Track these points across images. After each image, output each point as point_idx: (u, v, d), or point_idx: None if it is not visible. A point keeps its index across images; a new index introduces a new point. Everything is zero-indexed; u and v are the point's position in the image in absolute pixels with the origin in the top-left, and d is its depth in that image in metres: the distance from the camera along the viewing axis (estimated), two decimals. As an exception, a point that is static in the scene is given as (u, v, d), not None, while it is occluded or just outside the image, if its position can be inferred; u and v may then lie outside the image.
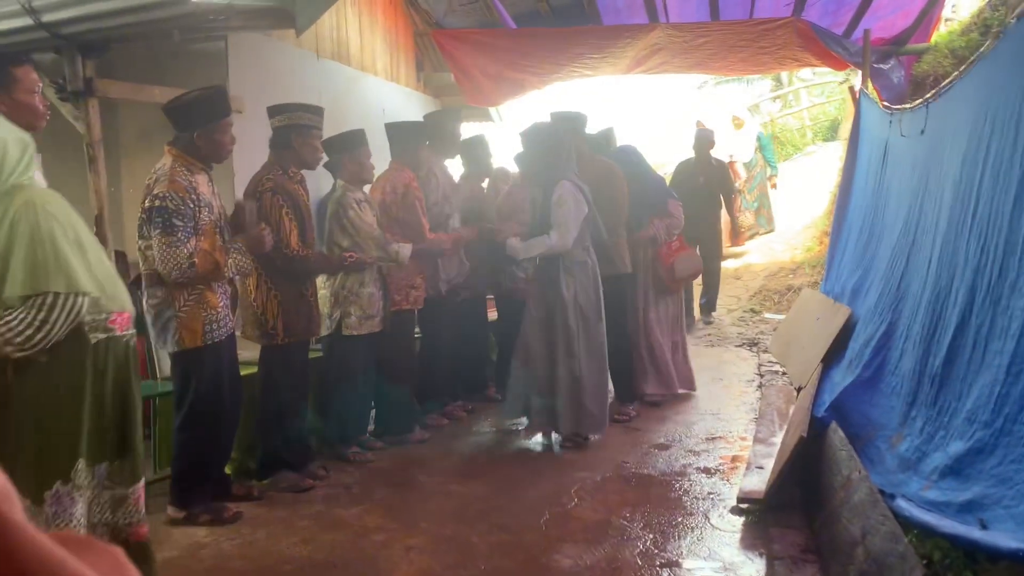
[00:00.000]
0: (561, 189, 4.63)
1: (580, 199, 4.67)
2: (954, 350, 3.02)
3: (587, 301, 4.72)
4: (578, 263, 4.72)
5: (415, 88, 9.02)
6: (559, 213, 4.61)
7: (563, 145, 4.81)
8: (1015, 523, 2.19)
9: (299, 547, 3.49)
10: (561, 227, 4.59)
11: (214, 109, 3.67)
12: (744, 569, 3.20)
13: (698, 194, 8.12)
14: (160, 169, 3.60)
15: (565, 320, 4.68)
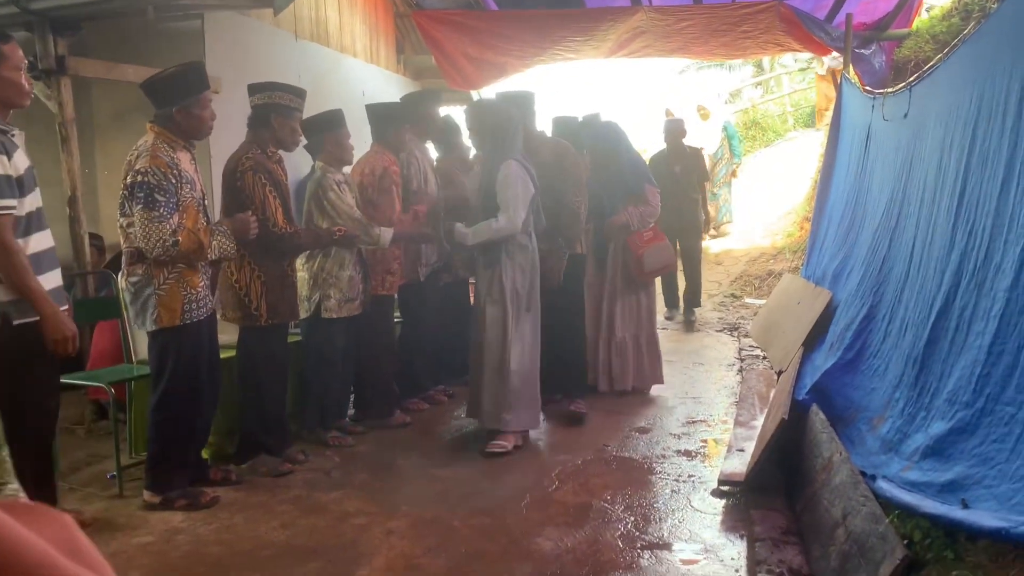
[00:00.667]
0: (508, 169, 4.37)
1: (527, 180, 4.43)
2: (937, 332, 3.03)
3: (524, 287, 4.49)
4: (519, 247, 4.47)
5: (395, 70, 8.94)
6: (506, 194, 4.36)
7: (509, 123, 4.54)
8: (996, 502, 2.19)
9: (278, 532, 3.46)
10: (509, 209, 4.34)
11: (192, 84, 3.61)
12: (725, 551, 3.20)
13: (675, 184, 7.83)
14: (142, 145, 3.55)
15: (502, 305, 4.45)
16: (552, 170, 4.81)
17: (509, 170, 4.36)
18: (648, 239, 5.52)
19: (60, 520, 0.45)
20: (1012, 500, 2.16)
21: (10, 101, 3.11)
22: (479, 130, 4.59)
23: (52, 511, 0.46)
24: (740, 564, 3.08)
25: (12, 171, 3.02)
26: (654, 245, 5.52)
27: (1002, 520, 2.05)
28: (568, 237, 4.91)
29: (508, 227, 4.35)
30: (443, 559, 3.16)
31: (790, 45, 7.72)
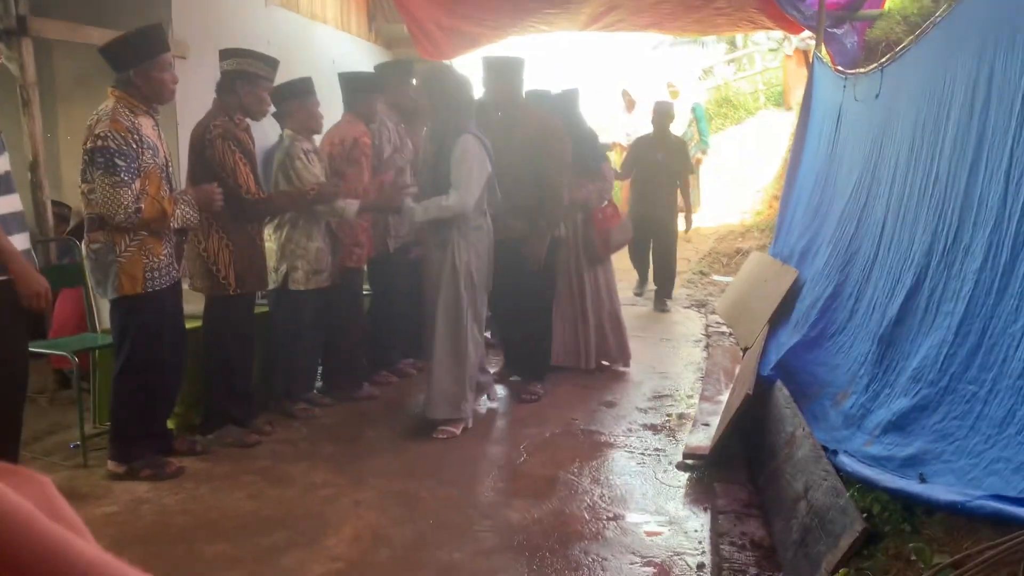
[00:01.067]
0: (465, 144, 4.14)
1: (483, 157, 4.22)
2: (905, 311, 3.08)
3: (479, 270, 4.29)
4: (474, 228, 4.26)
5: (367, 39, 8.82)
6: (460, 171, 4.12)
7: (465, 94, 4.29)
8: (954, 476, 2.25)
9: (244, 502, 3.45)
10: (462, 187, 4.10)
11: (150, 46, 3.52)
12: (689, 523, 3.25)
13: (657, 172, 7.50)
14: (102, 110, 3.48)
15: (456, 289, 4.23)
16: (535, 146, 4.66)
17: (466, 146, 4.15)
18: (611, 215, 5.47)
19: (39, 482, 0.45)
20: (969, 475, 2.22)
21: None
22: (433, 99, 4.33)
23: (31, 473, 0.45)
24: (703, 536, 3.13)
25: None
26: (619, 222, 5.51)
27: (957, 494, 2.11)
28: (549, 218, 4.74)
29: (458, 206, 4.13)
30: (410, 529, 3.17)
31: (763, 23, 7.73)
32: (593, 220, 5.38)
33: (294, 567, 2.89)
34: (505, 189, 4.60)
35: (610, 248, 5.46)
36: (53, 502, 0.46)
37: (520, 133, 4.64)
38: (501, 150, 4.63)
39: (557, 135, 4.77)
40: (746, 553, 2.85)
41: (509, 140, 4.67)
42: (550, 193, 4.70)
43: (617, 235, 5.45)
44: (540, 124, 4.76)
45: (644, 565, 2.92)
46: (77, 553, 0.42)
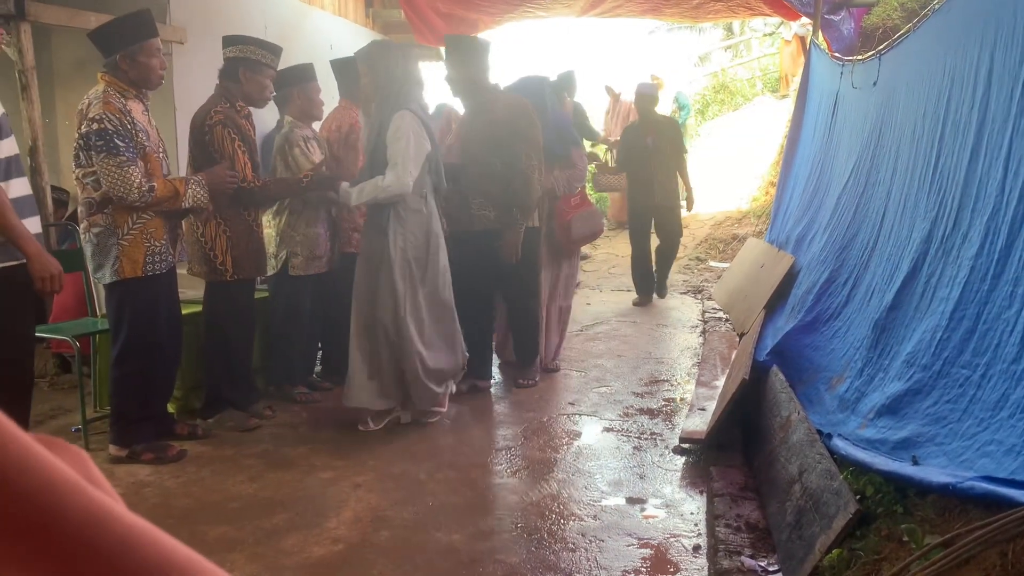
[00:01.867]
0: (400, 121, 3.89)
1: (422, 134, 3.97)
2: (902, 297, 3.11)
3: (418, 257, 4.02)
4: (412, 211, 4.01)
5: (364, 24, 8.79)
6: (396, 148, 3.87)
7: (405, 69, 4.04)
8: (947, 459, 2.28)
9: (245, 485, 3.48)
10: (398, 166, 3.86)
11: (136, 30, 3.53)
12: (685, 506, 3.29)
13: (648, 158, 7.11)
14: (93, 94, 3.51)
15: (391, 277, 3.98)
16: (503, 130, 4.43)
17: (402, 122, 3.89)
18: (576, 204, 5.19)
19: (77, 453, 0.48)
20: (961, 457, 2.25)
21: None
22: (373, 77, 4.02)
23: (68, 444, 0.48)
24: (699, 518, 3.17)
25: None
26: (583, 211, 5.19)
27: (949, 476, 2.15)
28: (522, 207, 4.49)
29: (396, 186, 3.88)
30: (410, 511, 3.21)
31: (760, 9, 7.74)
32: (555, 210, 5.14)
33: (295, 549, 2.93)
34: (473, 176, 4.49)
35: (572, 239, 5.18)
36: (91, 472, 0.48)
37: (486, 117, 4.46)
38: (467, 136, 4.57)
39: (527, 118, 4.52)
40: (741, 535, 2.89)
41: (475, 124, 4.55)
42: (521, 180, 4.45)
43: (580, 226, 5.14)
44: (508, 107, 4.52)
45: (641, 547, 2.96)
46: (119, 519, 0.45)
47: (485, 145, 4.44)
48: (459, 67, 4.50)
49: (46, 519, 0.42)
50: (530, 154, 4.45)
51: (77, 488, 0.43)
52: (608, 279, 8.66)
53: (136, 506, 3.04)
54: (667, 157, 7.17)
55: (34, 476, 0.42)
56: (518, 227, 4.50)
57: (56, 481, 0.43)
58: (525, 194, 4.45)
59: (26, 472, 0.42)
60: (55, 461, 0.43)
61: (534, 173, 4.46)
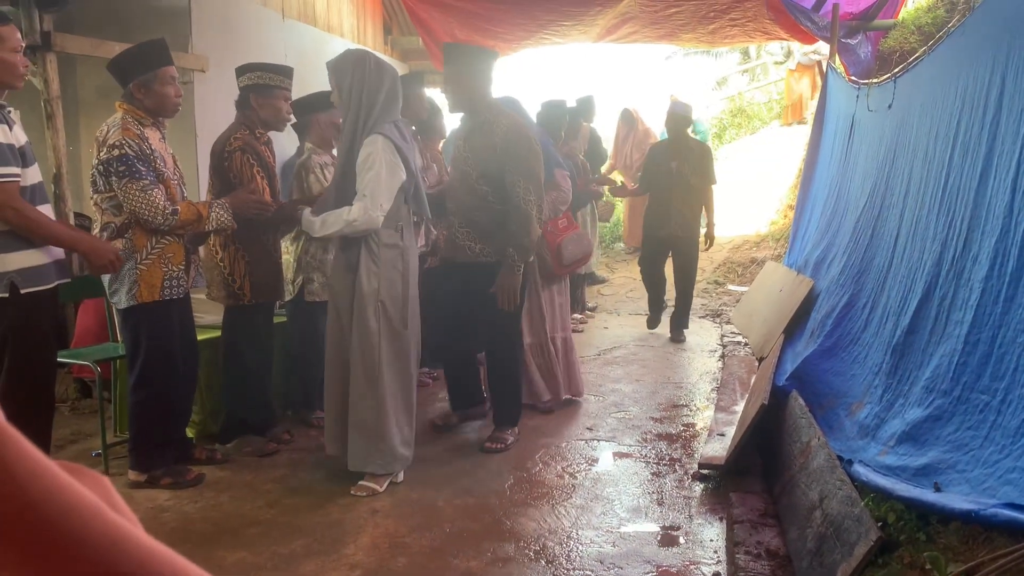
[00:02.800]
0: (372, 147, 3.48)
1: (396, 162, 3.53)
2: (917, 321, 3.09)
3: (393, 298, 3.59)
4: (386, 246, 3.58)
5: (383, 51, 8.90)
6: (365, 178, 3.47)
7: (380, 83, 3.57)
8: (969, 486, 2.25)
9: (264, 510, 3.49)
10: (367, 198, 3.44)
11: (149, 59, 3.58)
12: (704, 532, 3.26)
13: (670, 183, 6.59)
14: (111, 122, 3.58)
15: (363, 320, 3.56)
16: (500, 158, 3.99)
17: (374, 147, 3.48)
18: (564, 227, 4.92)
19: (98, 478, 0.49)
20: (983, 484, 2.22)
21: (5, 82, 3.16)
22: (340, 90, 3.59)
23: (90, 471, 0.49)
24: (719, 545, 3.14)
25: (15, 141, 3.07)
26: (571, 234, 4.93)
27: (972, 503, 2.12)
28: (519, 248, 3.98)
29: (363, 221, 3.46)
30: (427, 538, 3.20)
31: (777, 34, 7.76)
32: (544, 234, 4.72)
33: (313, 575, 2.92)
34: (462, 203, 4.13)
35: (563, 264, 4.89)
36: (112, 498, 0.49)
37: (483, 140, 4.02)
38: (459, 156, 4.16)
39: (528, 148, 4.02)
40: (761, 562, 2.86)
41: (470, 145, 4.10)
42: (520, 218, 3.99)
43: (572, 249, 4.88)
44: (508, 132, 4.02)
45: (659, 574, 2.93)
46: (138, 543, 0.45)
47: (478, 170, 4.04)
48: (457, 79, 4.08)
49: (68, 543, 0.43)
50: (529, 188, 3.99)
51: (98, 513, 0.44)
52: (626, 303, 8.65)
53: (155, 531, 3.06)
54: (691, 185, 6.63)
55: (57, 502, 0.43)
56: (516, 270, 4.02)
57: (78, 506, 0.44)
58: (524, 234, 3.99)
59: (49, 498, 0.43)
60: (77, 487, 0.45)
61: (533, 210, 4.00)
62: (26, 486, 0.42)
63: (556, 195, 4.88)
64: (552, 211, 4.84)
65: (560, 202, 4.93)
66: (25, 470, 0.43)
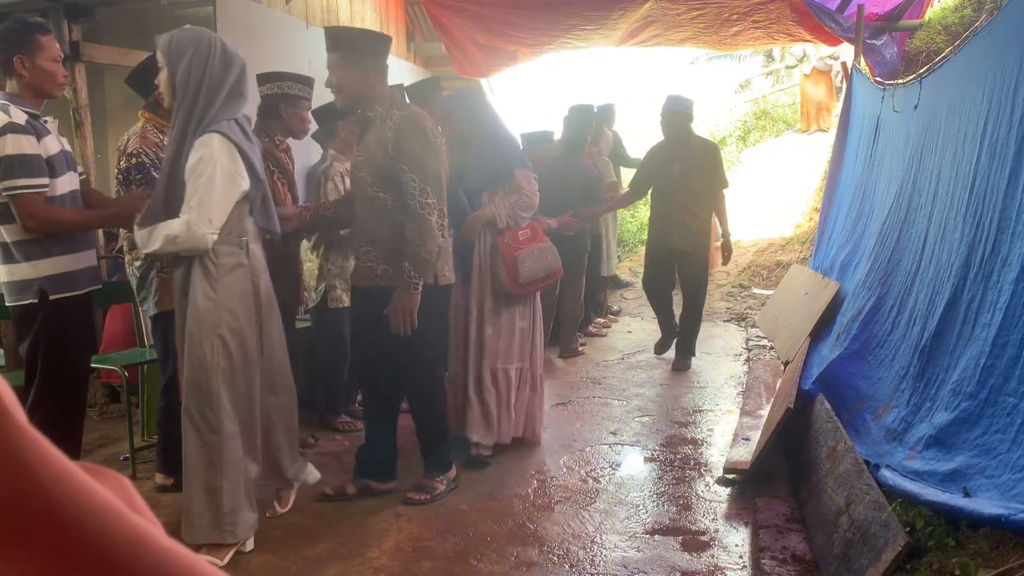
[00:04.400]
0: (205, 148, 2.88)
1: (235, 167, 2.94)
2: (945, 323, 3.05)
3: (233, 330, 3.00)
4: (227, 267, 3.00)
5: (405, 58, 8.94)
6: (195, 185, 2.87)
7: (216, 73, 2.95)
8: (998, 491, 2.22)
9: (288, 514, 3.51)
10: (193, 211, 2.86)
11: None
12: (729, 538, 3.24)
13: (673, 190, 5.79)
14: (132, 131, 3.67)
15: (199, 356, 2.97)
16: (391, 153, 3.34)
17: (207, 149, 2.88)
18: (524, 240, 4.20)
19: (119, 480, 0.50)
20: (1013, 489, 2.19)
21: (44, 90, 3.25)
22: (170, 76, 2.96)
23: (112, 472, 0.50)
24: (744, 551, 3.12)
25: (43, 151, 3.13)
26: (532, 248, 4.19)
27: (1002, 508, 2.09)
28: (415, 261, 3.31)
29: (186, 238, 2.86)
30: (451, 542, 3.21)
31: (801, 35, 7.70)
32: (498, 246, 4.15)
33: (337, 578, 2.94)
34: (360, 217, 3.51)
35: (520, 282, 4.12)
36: (132, 499, 0.50)
37: (374, 136, 3.40)
38: (356, 162, 3.61)
39: (420, 136, 3.33)
40: (787, 568, 2.83)
41: (363, 147, 3.50)
42: (415, 224, 3.31)
43: (531, 266, 4.14)
44: (398, 123, 3.35)
45: (684, 579, 2.91)
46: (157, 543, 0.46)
47: (372, 175, 3.39)
48: (343, 69, 3.38)
49: (88, 544, 0.44)
50: (426, 189, 3.29)
51: (118, 514, 0.45)
52: (649, 307, 8.60)
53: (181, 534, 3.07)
54: (696, 191, 5.78)
55: (77, 502, 0.44)
56: (412, 288, 3.33)
57: (98, 507, 0.44)
58: (421, 244, 3.30)
59: (70, 498, 0.44)
60: (98, 488, 0.45)
61: (432, 215, 3.31)
62: (47, 486, 0.43)
63: (516, 199, 4.16)
64: (512, 218, 4.16)
65: (522, 207, 4.19)
66: (46, 471, 0.43)
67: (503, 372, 4.19)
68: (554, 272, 4.33)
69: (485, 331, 4.15)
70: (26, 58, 3.15)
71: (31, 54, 3.15)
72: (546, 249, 4.26)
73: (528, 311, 4.30)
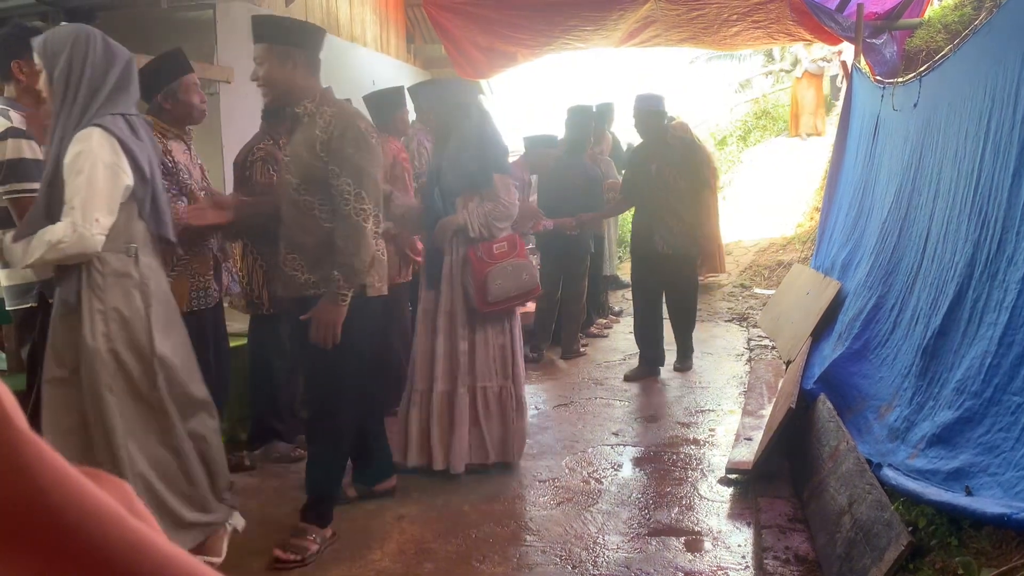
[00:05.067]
0: (84, 143, 2.61)
1: (119, 162, 2.66)
2: (949, 322, 3.05)
3: (129, 350, 2.70)
4: (115, 276, 2.70)
5: (405, 60, 8.96)
6: (74, 185, 2.58)
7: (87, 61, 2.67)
8: (1001, 490, 2.22)
9: (291, 517, 3.50)
10: (75, 211, 2.56)
11: (171, 68, 3.62)
12: (732, 538, 3.23)
13: (652, 192, 5.51)
14: None
15: (92, 381, 2.66)
16: (321, 154, 3.04)
17: (87, 142, 2.60)
18: (500, 253, 3.84)
19: (120, 484, 0.50)
20: (1016, 488, 2.19)
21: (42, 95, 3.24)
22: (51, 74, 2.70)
23: (113, 477, 0.50)
24: (747, 551, 3.11)
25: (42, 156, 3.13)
26: (507, 263, 3.83)
27: (1004, 507, 2.08)
28: (345, 269, 2.99)
29: (71, 241, 2.56)
30: (453, 543, 3.21)
31: (801, 35, 7.70)
32: (468, 258, 3.82)
33: (340, 580, 2.93)
34: (285, 221, 3.19)
35: (489, 300, 3.77)
36: (133, 504, 0.50)
37: (302, 136, 3.10)
38: (283, 164, 3.37)
39: (353, 136, 3.03)
40: (790, 568, 2.83)
41: (291, 147, 3.20)
42: (346, 229, 3.00)
43: (500, 283, 3.78)
44: (328, 121, 3.04)
45: (687, 579, 2.91)
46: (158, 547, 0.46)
47: (299, 175, 3.10)
48: (270, 62, 3.08)
49: (89, 547, 0.44)
50: (361, 194, 3.00)
51: (118, 518, 0.45)
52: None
53: (184, 537, 3.06)
54: (678, 191, 5.48)
55: (78, 506, 0.44)
56: (339, 300, 3.01)
57: (98, 511, 0.45)
58: (352, 251, 2.99)
59: (70, 502, 0.44)
60: (99, 492, 0.45)
61: (367, 221, 3.02)
62: (47, 490, 0.43)
63: (491, 208, 3.79)
64: (487, 229, 3.82)
65: (497, 217, 3.82)
66: (47, 475, 0.43)
67: (481, 391, 3.88)
68: (529, 291, 3.96)
69: (459, 347, 3.83)
70: (24, 63, 3.16)
71: (29, 59, 3.16)
72: (522, 266, 3.90)
73: (506, 327, 3.96)
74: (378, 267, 3.18)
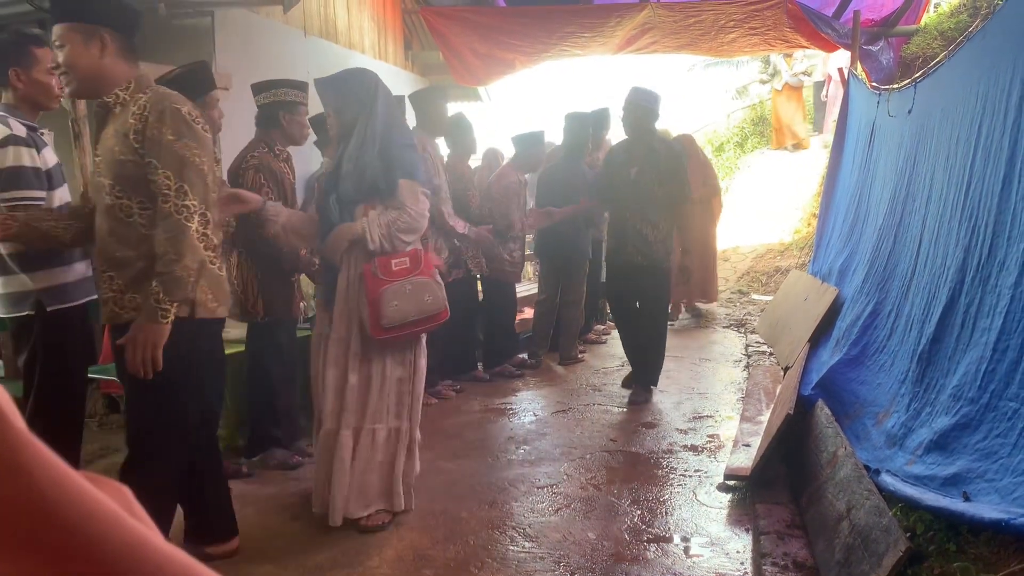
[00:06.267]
0: None
1: None
2: (943, 328, 3.06)
3: None
4: None
5: (403, 67, 8.97)
6: None
7: None
8: (998, 495, 2.22)
9: (289, 523, 3.50)
10: None
11: (198, 84, 3.62)
12: (730, 544, 3.23)
13: (627, 197, 5.15)
14: None
15: None
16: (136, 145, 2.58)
17: None
18: (399, 270, 3.26)
19: (118, 488, 0.50)
20: (1013, 493, 2.19)
21: (40, 103, 3.25)
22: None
23: (112, 481, 0.50)
24: (745, 557, 3.11)
25: (41, 164, 3.14)
26: (405, 282, 3.24)
27: (1002, 512, 2.09)
28: (166, 276, 2.50)
29: None
30: (452, 550, 3.20)
31: (798, 42, 7.74)
32: (365, 278, 3.22)
33: (338, 587, 2.93)
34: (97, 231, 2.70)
35: (383, 325, 3.19)
36: (131, 506, 0.51)
37: (115, 127, 2.63)
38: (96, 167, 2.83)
39: (175, 121, 2.55)
40: (789, 574, 2.83)
41: (102, 142, 2.71)
42: (166, 228, 2.51)
43: (397, 305, 3.20)
44: (144, 106, 2.56)
45: (685, 586, 2.91)
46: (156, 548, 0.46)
47: (111, 174, 2.62)
48: (72, 44, 2.56)
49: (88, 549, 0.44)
50: (182, 187, 2.52)
51: (117, 519, 0.45)
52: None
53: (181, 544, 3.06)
54: (655, 197, 5.11)
55: (77, 508, 0.44)
56: (160, 317, 2.52)
57: (97, 513, 0.45)
58: (173, 257, 2.50)
59: (70, 504, 0.44)
60: (98, 494, 0.46)
61: (192, 220, 2.53)
62: (47, 492, 0.43)
63: (395, 217, 3.23)
64: (388, 241, 3.23)
65: (402, 229, 3.24)
66: (46, 477, 0.44)
67: (369, 433, 3.31)
68: (432, 316, 3.31)
69: (348, 379, 3.26)
70: (21, 71, 3.16)
71: (26, 67, 3.17)
72: (424, 285, 3.27)
73: (408, 358, 3.36)
74: (209, 279, 2.68)
